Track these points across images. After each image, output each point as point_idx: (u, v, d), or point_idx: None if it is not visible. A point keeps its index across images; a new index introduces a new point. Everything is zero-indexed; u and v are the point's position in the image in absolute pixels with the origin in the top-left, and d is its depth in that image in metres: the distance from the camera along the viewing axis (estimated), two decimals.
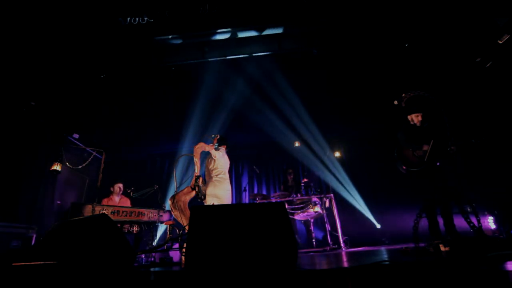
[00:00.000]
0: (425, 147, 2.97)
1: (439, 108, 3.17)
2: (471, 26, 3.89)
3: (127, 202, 5.05)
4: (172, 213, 3.10)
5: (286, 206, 5.17)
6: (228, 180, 3.42)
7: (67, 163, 5.44)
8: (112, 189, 5.01)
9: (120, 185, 5.05)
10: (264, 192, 7.41)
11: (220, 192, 3.24)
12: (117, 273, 1.64)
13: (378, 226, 6.37)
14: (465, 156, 4.10)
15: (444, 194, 2.86)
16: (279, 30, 4.29)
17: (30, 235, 4.10)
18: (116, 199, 4.95)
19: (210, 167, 3.40)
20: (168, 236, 3.58)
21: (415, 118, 3.14)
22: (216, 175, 3.34)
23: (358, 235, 5.88)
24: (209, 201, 3.16)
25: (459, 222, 3.27)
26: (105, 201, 4.85)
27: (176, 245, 4.07)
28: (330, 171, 7.36)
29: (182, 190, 3.19)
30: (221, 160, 3.43)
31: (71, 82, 4.68)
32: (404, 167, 3.12)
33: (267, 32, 4.31)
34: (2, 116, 4.59)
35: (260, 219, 1.65)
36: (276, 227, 1.62)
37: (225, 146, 3.66)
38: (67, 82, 4.66)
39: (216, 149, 3.50)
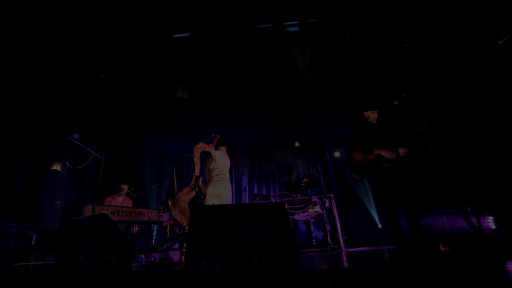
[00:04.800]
0: (376, 151, 2.72)
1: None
2: (471, 26, 3.88)
3: (129, 203, 5.08)
4: (172, 213, 3.10)
5: (286, 206, 5.17)
6: (228, 180, 3.42)
7: (67, 163, 5.45)
8: (117, 188, 5.05)
9: (124, 186, 5.08)
10: (264, 192, 7.41)
11: (220, 192, 3.25)
12: (117, 273, 1.64)
13: (380, 226, 6.37)
14: (465, 156, 4.10)
15: (409, 195, 2.60)
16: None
17: (30, 235, 4.11)
18: (119, 199, 4.97)
19: (211, 167, 3.41)
20: (168, 236, 3.58)
21: (371, 115, 2.86)
22: (217, 175, 3.34)
23: (358, 235, 5.89)
24: (210, 201, 3.16)
25: (459, 222, 3.27)
26: (108, 200, 4.88)
27: (176, 245, 4.07)
28: (332, 171, 7.37)
29: (182, 190, 3.19)
30: (221, 160, 3.43)
31: (71, 82, 4.67)
32: (358, 177, 2.90)
33: None
34: (2, 116, 4.59)
35: (260, 219, 1.65)
36: (276, 227, 1.62)
37: (225, 146, 3.67)
38: (67, 82, 4.66)
39: (216, 149, 3.50)
